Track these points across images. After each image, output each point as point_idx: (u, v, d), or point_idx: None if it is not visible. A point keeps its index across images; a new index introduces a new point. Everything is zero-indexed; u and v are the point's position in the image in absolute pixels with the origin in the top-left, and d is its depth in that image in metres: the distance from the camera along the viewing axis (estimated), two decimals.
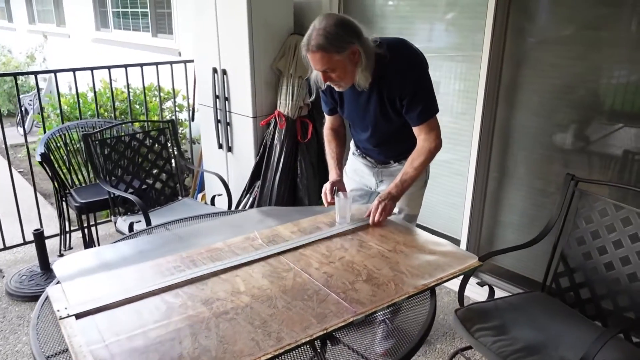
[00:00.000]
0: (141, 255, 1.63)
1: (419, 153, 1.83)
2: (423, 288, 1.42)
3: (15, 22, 10.12)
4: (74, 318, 1.27)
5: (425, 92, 1.78)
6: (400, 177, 1.84)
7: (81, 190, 3.00)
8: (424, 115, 1.80)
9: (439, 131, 1.84)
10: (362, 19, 3.03)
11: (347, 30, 1.65)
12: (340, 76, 1.71)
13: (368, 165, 2.10)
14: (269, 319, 1.27)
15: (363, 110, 1.88)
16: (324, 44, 1.62)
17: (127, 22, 5.80)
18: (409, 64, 1.76)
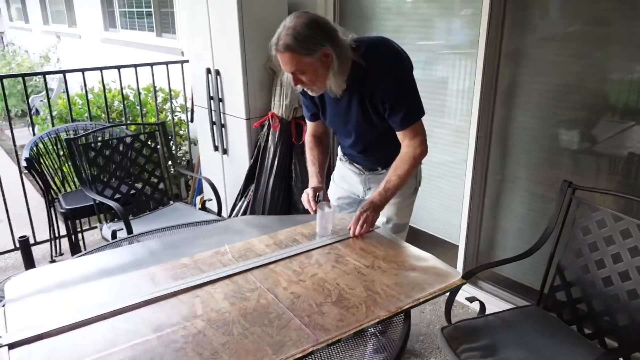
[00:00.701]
0: (103, 271, 1.53)
1: (402, 160, 1.71)
2: (396, 311, 1.29)
3: (31, 23, 10.24)
4: (7, 349, 1.18)
5: (407, 95, 1.65)
6: (384, 185, 1.71)
7: (69, 196, 2.93)
8: (407, 119, 1.66)
9: (424, 136, 1.70)
10: (358, 15, 2.90)
11: (318, 31, 1.51)
12: (311, 80, 1.58)
13: (355, 172, 1.96)
14: (221, 348, 1.15)
15: (344, 115, 1.75)
16: (293, 45, 1.49)
17: (133, 22, 5.76)
18: (389, 65, 1.63)
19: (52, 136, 3.10)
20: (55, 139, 3.10)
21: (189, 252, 1.61)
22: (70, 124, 3.15)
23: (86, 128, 3.05)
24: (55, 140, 3.10)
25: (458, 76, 2.49)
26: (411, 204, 1.96)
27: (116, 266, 1.57)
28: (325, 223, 1.70)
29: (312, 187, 1.81)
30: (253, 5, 2.74)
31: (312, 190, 1.79)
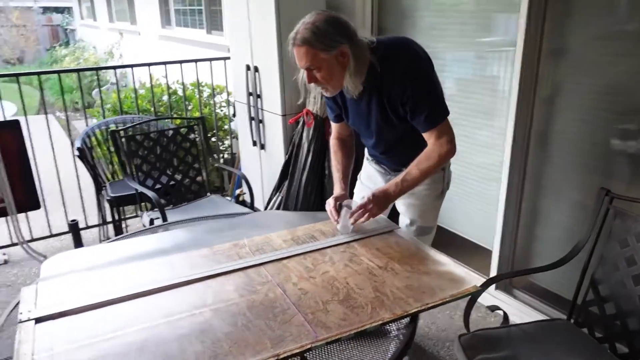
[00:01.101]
0: (130, 257, 1.61)
1: (427, 156, 1.66)
2: (402, 315, 1.27)
3: (99, 21, 10.81)
4: (34, 322, 1.26)
5: (429, 96, 1.60)
6: (402, 176, 1.66)
7: (115, 185, 3.09)
8: (431, 120, 1.62)
9: (450, 136, 1.65)
10: (396, 13, 2.87)
11: (337, 28, 1.52)
12: (325, 78, 1.57)
13: (381, 172, 1.95)
14: (223, 338, 1.18)
15: (365, 117, 1.73)
16: (310, 39, 1.49)
17: (187, 20, 5.96)
18: (408, 66, 1.59)
19: (103, 128, 3.27)
20: (105, 130, 3.27)
21: (211, 243, 1.66)
22: (119, 117, 3.31)
23: (133, 121, 3.20)
24: (106, 131, 3.27)
25: (496, 75, 2.41)
26: (437, 207, 1.92)
27: (142, 252, 1.65)
28: (346, 221, 1.69)
29: (334, 197, 1.78)
30: (291, 3, 2.76)
31: (334, 200, 1.76)
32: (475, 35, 2.48)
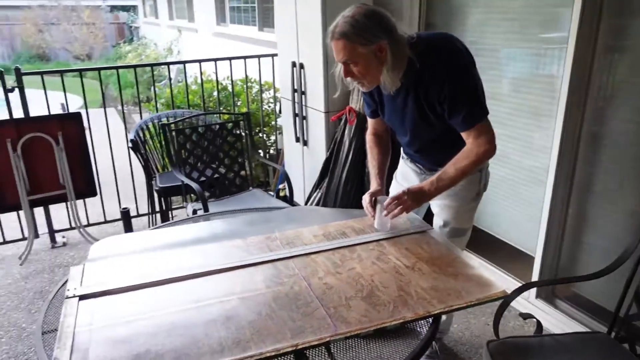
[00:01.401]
0: (169, 244, 1.69)
1: (465, 155, 1.62)
2: (424, 315, 1.27)
3: (160, 19, 11.27)
4: (78, 299, 1.36)
5: (468, 95, 1.57)
6: (439, 175, 1.63)
7: (164, 176, 3.23)
8: (470, 120, 1.59)
9: (490, 136, 1.61)
10: (444, 9, 2.82)
11: (377, 23, 1.50)
12: (362, 72, 1.56)
13: (416, 170, 1.93)
14: (247, 325, 1.23)
15: (400, 113, 1.72)
16: (349, 33, 1.49)
17: (240, 17, 6.12)
18: (448, 62, 1.56)
19: (155, 121, 3.42)
20: (158, 123, 3.42)
21: (245, 234, 1.72)
22: (170, 111, 3.46)
23: (183, 115, 3.33)
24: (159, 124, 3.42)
25: (546, 73, 2.33)
26: (473, 209, 1.88)
27: (181, 240, 1.73)
28: (382, 218, 1.68)
29: (370, 192, 1.78)
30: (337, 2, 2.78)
31: (370, 195, 1.77)
32: (526, 31, 2.41)
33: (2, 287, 2.87)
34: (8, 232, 3.40)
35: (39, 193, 3.13)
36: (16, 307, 2.67)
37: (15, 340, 2.40)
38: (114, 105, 8.39)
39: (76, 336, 1.20)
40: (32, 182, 3.08)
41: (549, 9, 2.28)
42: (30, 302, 2.73)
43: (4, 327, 2.51)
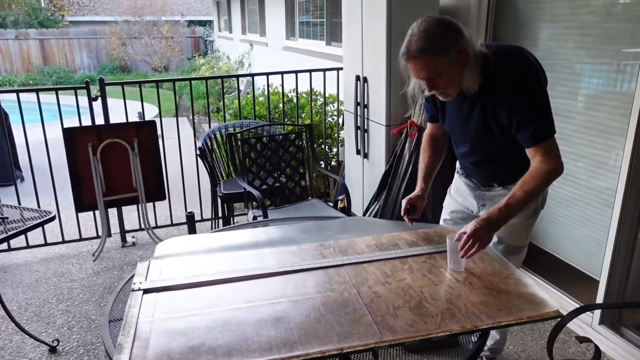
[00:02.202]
0: (228, 246, 1.78)
1: (532, 176, 1.55)
2: (471, 329, 1.25)
3: (233, 33, 11.76)
4: (142, 292, 1.47)
5: (539, 110, 1.53)
6: (506, 200, 1.55)
7: (227, 183, 3.37)
8: (538, 135, 1.54)
9: (558, 153, 1.56)
10: (512, 22, 2.78)
11: (449, 28, 1.50)
12: (447, 81, 1.54)
13: (470, 186, 1.89)
14: (295, 327, 1.27)
15: (464, 121, 1.69)
16: (427, 47, 1.46)
17: (309, 31, 6.28)
18: (520, 76, 1.53)
19: (223, 130, 3.59)
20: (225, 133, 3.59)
21: (300, 241, 1.78)
22: (237, 121, 3.61)
23: (249, 125, 3.47)
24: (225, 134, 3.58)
25: (616, 90, 2.23)
26: (529, 226, 1.83)
27: (239, 244, 1.80)
28: (455, 257, 1.53)
29: (409, 198, 1.80)
30: (402, 14, 2.81)
31: (407, 201, 1.78)
32: (599, 47, 2.32)
33: (76, 281, 3.10)
34: (84, 230, 3.68)
35: (114, 195, 3.36)
36: (87, 300, 2.88)
37: (85, 330, 2.59)
38: (186, 114, 8.84)
39: (139, 326, 1.30)
40: (107, 184, 3.32)
41: (624, 24, 2.19)
42: (100, 296, 2.93)
43: (76, 317, 2.71)
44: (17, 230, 2.13)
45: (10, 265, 3.33)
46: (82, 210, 3.40)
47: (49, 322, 2.67)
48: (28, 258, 3.43)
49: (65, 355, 2.39)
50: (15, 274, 3.21)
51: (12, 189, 3.66)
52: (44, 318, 2.71)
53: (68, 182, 3.30)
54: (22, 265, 3.32)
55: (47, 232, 3.55)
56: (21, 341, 2.50)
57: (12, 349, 2.45)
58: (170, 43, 15.15)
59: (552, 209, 2.66)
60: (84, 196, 3.31)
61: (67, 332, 2.58)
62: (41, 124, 3.36)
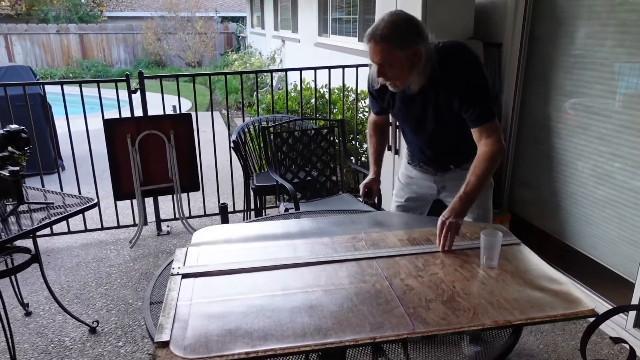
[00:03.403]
0: (262, 236, 1.83)
1: (480, 160, 1.72)
2: (504, 324, 1.26)
3: (266, 29, 11.86)
4: (181, 277, 1.53)
5: (485, 95, 1.73)
6: (463, 188, 1.70)
7: (260, 176, 3.43)
8: (485, 116, 1.72)
9: (499, 134, 1.73)
10: (552, 19, 2.73)
11: (414, 28, 1.63)
12: (395, 74, 1.68)
13: (426, 173, 2.04)
14: (328, 315, 1.30)
15: (419, 117, 1.84)
16: (390, 36, 1.59)
17: (341, 28, 6.29)
18: (468, 64, 1.72)
19: (256, 124, 3.65)
20: (258, 127, 3.65)
21: (332, 233, 1.81)
22: (270, 115, 3.67)
23: (282, 120, 3.52)
24: (259, 128, 3.64)
25: None
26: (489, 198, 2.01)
27: (272, 234, 1.85)
28: (490, 253, 1.52)
29: (365, 183, 2.01)
30: (438, 11, 2.80)
31: (364, 186, 2.02)
32: (636, 45, 2.27)
33: (114, 266, 3.22)
34: (122, 218, 3.80)
35: (150, 185, 3.47)
36: (125, 285, 2.99)
37: (122, 313, 2.69)
38: (218, 109, 8.98)
39: (178, 309, 1.35)
40: (145, 174, 3.43)
41: None
42: (136, 281, 3.03)
43: (114, 301, 2.81)
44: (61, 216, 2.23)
45: (53, 249, 3.48)
46: (121, 199, 3.52)
47: (88, 304, 2.78)
48: (69, 243, 3.58)
49: (105, 336, 2.50)
50: (58, 257, 3.35)
51: (54, 176, 3.82)
52: (84, 300, 2.83)
53: (107, 172, 3.43)
54: (63, 250, 3.47)
55: (87, 219, 3.69)
56: (63, 321, 2.62)
57: (55, 328, 2.57)
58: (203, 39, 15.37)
59: (587, 209, 2.62)
60: (123, 185, 3.42)
61: (106, 314, 2.69)
62: (83, 115, 3.49)
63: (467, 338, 1.35)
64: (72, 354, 2.37)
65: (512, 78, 2.99)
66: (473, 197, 1.69)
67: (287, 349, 1.18)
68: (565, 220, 2.79)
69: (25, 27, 14.48)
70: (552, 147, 2.84)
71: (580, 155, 2.65)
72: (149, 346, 2.37)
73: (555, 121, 2.81)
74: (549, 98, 2.84)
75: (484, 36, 2.97)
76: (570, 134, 2.71)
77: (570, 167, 2.73)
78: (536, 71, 2.91)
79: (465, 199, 1.67)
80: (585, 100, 2.59)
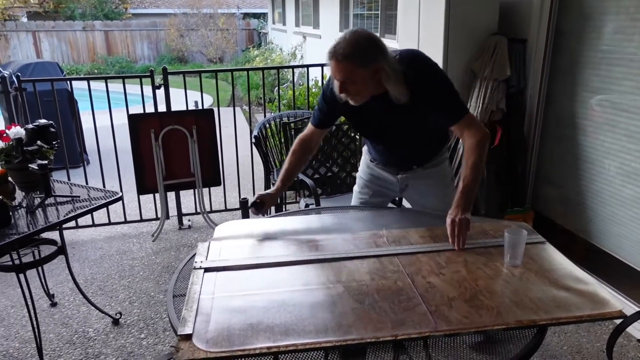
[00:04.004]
0: (283, 231, 1.83)
1: (470, 152, 1.76)
2: (528, 324, 1.24)
3: (287, 25, 11.88)
4: (203, 271, 1.54)
5: (451, 93, 1.77)
6: (462, 184, 1.73)
7: None
8: (459, 112, 1.77)
9: (477, 121, 1.81)
10: (580, 14, 2.67)
11: (375, 47, 1.64)
12: (357, 90, 1.69)
13: (390, 172, 2.08)
14: (350, 312, 1.30)
15: (384, 124, 1.87)
16: (351, 55, 1.59)
17: (362, 24, 6.25)
18: (428, 71, 1.75)
19: (277, 120, 3.66)
20: (279, 122, 3.66)
21: (353, 229, 1.81)
22: (291, 111, 3.68)
23: (303, 115, 3.52)
24: (280, 123, 3.65)
25: None
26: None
27: (293, 229, 1.86)
28: (514, 252, 1.51)
29: (260, 194, 1.90)
30: (461, 8, 2.77)
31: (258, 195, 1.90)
32: None
33: (136, 259, 3.27)
34: (145, 212, 3.86)
35: (173, 179, 3.51)
36: (147, 278, 3.04)
37: (145, 306, 2.73)
38: (240, 104, 9.03)
39: (201, 302, 1.36)
40: (167, 169, 3.47)
41: None
42: (158, 274, 3.08)
43: (137, 293, 2.86)
44: (86, 209, 2.27)
45: (77, 241, 3.55)
46: (144, 193, 3.57)
47: (112, 296, 2.84)
48: (93, 236, 3.65)
49: (127, 328, 2.54)
50: (82, 250, 3.42)
51: (80, 170, 3.90)
52: (108, 292, 2.88)
53: (130, 166, 3.48)
54: (88, 242, 3.54)
55: (111, 212, 3.75)
56: (87, 312, 2.67)
57: (79, 319, 2.63)
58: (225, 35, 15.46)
59: (614, 208, 2.56)
60: (146, 179, 3.47)
61: (129, 306, 2.74)
62: (108, 110, 3.55)
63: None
64: (95, 345, 2.42)
65: (537, 74, 2.94)
66: (473, 188, 1.73)
67: (308, 345, 1.18)
68: (590, 219, 2.74)
69: (53, 24, 14.77)
70: (578, 145, 2.78)
71: (607, 152, 2.59)
72: (171, 339, 2.41)
73: (581, 118, 2.75)
74: (575, 94, 2.78)
75: (509, 32, 2.92)
76: (597, 131, 2.65)
77: (597, 165, 2.67)
78: (562, 67, 2.86)
79: (466, 192, 1.71)
80: (613, 97, 2.53)
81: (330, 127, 2.07)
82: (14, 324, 2.59)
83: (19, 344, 2.43)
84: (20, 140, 2.17)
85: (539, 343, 1.24)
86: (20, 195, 2.27)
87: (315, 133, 2.01)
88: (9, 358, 2.34)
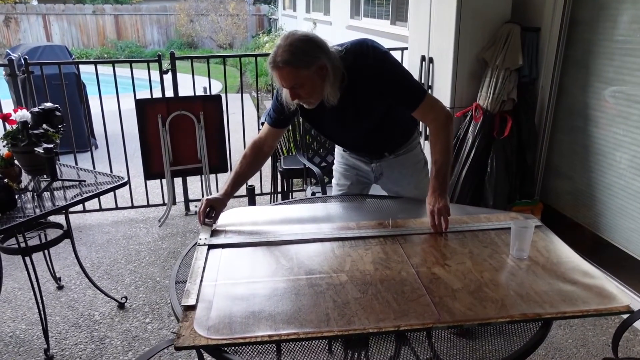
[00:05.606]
0: (287, 219, 1.83)
1: (435, 136, 1.76)
2: (533, 317, 1.23)
3: (297, 11, 11.77)
4: (207, 247, 1.56)
5: (406, 77, 1.75)
6: (434, 169, 1.75)
7: (288, 159, 3.42)
8: (417, 96, 1.73)
9: (438, 102, 1.77)
10: (595, 3, 2.61)
11: (313, 45, 1.60)
12: (309, 92, 1.64)
13: (365, 161, 2.06)
14: (353, 301, 1.29)
15: (345, 121, 1.82)
16: (291, 59, 1.56)
17: (374, 10, 6.18)
18: (378, 60, 1.70)
19: None
20: None
21: (359, 218, 1.79)
22: None
23: None
24: None
25: None
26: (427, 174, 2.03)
27: (298, 217, 1.85)
28: (521, 244, 1.49)
29: (208, 199, 1.76)
30: None
31: (207, 202, 1.75)
32: None
33: (143, 244, 3.29)
34: (151, 197, 3.87)
35: (179, 165, 3.51)
36: (153, 263, 3.05)
37: (150, 291, 2.75)
38: (248, 91, 9.00)
39: (202, 289, 1.36)
40: (174, 154, 3.47)
41: None
42: (164, 259, 3.09)
43: (143, 278, 2.88)
44: (93, 193, 2.27)
45: (84, 225, 3.57)
46: (151, 178, 3.57)
47: (118, 281, 2.85)
48: (100, 220, 3.67)
49: (132, 312, 2.56)
50: (89, 234, 3.44)
51: (87, 155, 3.90)
52: (114, 276, 2.90)
53: (138, 151, 3.48)
54: (94, 227, 3.56)
55: (118, 197, 3.76)
56: (93, 296, 2.69)
57: (85, 302, 2.65)
58: (235, 20, 15.36)
59: (624, 201, 2.52)
60: (153, 165, 3.47)
61: (134, 291, 2.75)
62: (116, 95, 3.54)
63: None
64: (100, 328, 2.44)
65: (550, 64, 2.88)
66: (445, 171, 1.75)
67: (309, 334, 1.17)
68: (600, 212, 2.70)
69: (63, 7, 14.75)
70: (589, 136, 2.73)
71: (619, 145, 2.54)
72: (175, 324, 2.42)
73: (594, 109, 2.70)
74: (588, 85, 2.72)
75: (522, 20, 2.86)
76: (610, 123, 2.60)
77: (608, 158, 2.62)
78: (576, 57, 2.80)
79: (439, 177, 1.73)
80: (627, 88, 2.47)
81: (287, 126, 1.99)
82: (20, 305, 2.62)
83: (25, 325, 2.46)
84: (26, 123, 2.17)
85: (543, 336, 1.22)
86: (27, 178, 2.28)
87: (271, 134, 1.92)
88: (16, 339, 2.36)
